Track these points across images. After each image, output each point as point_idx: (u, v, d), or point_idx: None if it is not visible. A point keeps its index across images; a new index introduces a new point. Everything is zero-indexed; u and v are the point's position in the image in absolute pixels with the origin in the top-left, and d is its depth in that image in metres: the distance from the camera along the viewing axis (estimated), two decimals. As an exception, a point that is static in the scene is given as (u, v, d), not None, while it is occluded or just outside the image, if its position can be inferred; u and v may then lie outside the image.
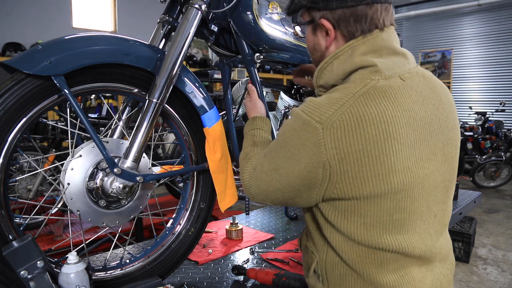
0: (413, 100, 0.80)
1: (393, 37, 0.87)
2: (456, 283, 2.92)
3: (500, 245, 3.65)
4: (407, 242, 0.82)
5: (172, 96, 1.19)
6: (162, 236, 1.33)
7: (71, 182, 1.05)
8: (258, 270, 1.30)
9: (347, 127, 0.75)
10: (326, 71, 0.88)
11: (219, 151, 1.27)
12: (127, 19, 6.94)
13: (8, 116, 0.94)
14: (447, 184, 0.89)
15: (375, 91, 0.77)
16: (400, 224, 0.81)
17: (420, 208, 0.83)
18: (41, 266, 0.92)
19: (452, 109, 0.90)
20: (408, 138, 0.77)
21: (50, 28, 5.88)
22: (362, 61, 0.83)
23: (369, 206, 0.79)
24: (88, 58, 1.01)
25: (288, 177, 0.83)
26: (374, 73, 0.81)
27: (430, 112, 0.83)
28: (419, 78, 0.85)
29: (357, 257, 0.84)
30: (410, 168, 0.78)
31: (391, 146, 0.75)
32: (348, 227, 0.83)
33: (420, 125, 0.80)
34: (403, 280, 0.85)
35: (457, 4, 7.72)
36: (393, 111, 0.76)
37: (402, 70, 0.84)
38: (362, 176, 0.76)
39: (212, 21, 1.32)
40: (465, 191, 2.49)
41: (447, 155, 0.87)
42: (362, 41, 0.85)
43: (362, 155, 0.75)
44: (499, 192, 5.60)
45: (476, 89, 7.90)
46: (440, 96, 0.87)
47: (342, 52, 0.86)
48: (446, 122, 0.86)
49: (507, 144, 5.90)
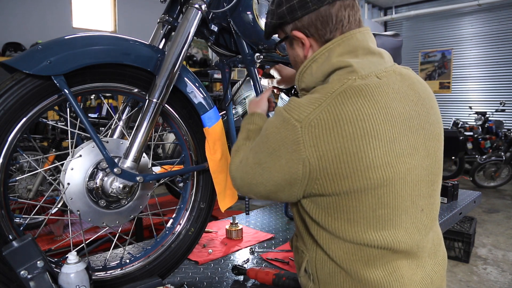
0: (390, 97, 0.82)
1: (368, 38, 0.90)
2: (456, 283, 2.92)
3: (500, 245, 3.65)
4: (393, 238, 0.83)
5: (172, 96, 1.19)
6: (162, 236, 1.33)
7: (71, 182, 1.05)
8: (258, 270, 1.30)
9: (324, 125, 0.77)
10: (306, 74, 0.91)
11: (219, 151, 1.27)
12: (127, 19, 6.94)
13: (8, 116, 0.94)
14: (431, 178, 0.90)
15: (352, 90, 0.79)
16: (384, 219, 0.82)
17: (404, 203, 0.83)
18: (41, 266, 0.92)
19: (432, 104, 0.92)
20: (387, 135, 0.79)
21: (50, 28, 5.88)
22: (338, 62, 0.85)
23: (351, 202, 0.80)
24: (88, 58, 1.01)
25: (270, 172, 0.84)
26: (351, 73, 0.83)
27: (408, 108, 0.84)
28: (396, 76, 0.87)
29: (344, 254, 0.85)
30: (391, 164, 0.79)
31: (369, 143, 0.77)
32: (333, 224, 0.84)
33: (398, 121, 0.81)
34: (391, 277, 0.85)
35: (457, 4, 7.73)
36: (369, 109, 0.78)
37: (378, 69, 0.86)
38: (341, 173, 0.78)
39: (212, 21, 1.32)
40: (465, 191, 2.49)
41: (429, 149, 0.88)
42: (338, 43, 0.88)
43: (340, 153, 0.77)
44: (499, 192, 5.60)
45: (476, 89, 7.90)
46: (419, 92, 0.89)
47: (319, 55, 0.89)
48: (426, 117, 0.88)
49: (507, 144, 5.90)
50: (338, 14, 0.87)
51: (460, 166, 5.94)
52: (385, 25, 9.17)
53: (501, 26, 7.47)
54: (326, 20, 0.87)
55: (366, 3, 8.49)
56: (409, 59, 8.60)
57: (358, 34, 0.88)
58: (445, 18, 8.17)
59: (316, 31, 0.89)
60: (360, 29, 0.90)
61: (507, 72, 7.47)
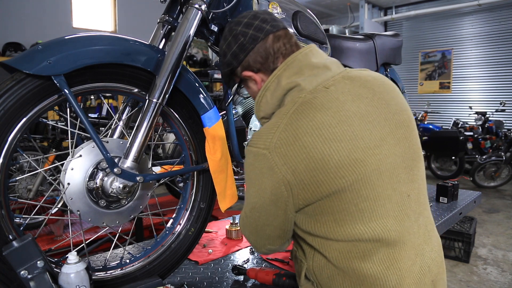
0: (341, 101, 0.87)
1: (310, 56, 0.97)
2: (456, 283, 2.92)
3: (500, 245, 3.65)
4: (381, 227, 0.86)
5: (172, 96, 1.19)
6: (162, 236, 1.33)
7: (71, 182, 1.05)
8: (258, 270, 1.30)
9: (287, 143, 0.84)
10: (262, 103, 0.99)
11: (219, 151, 1.27)
12: (127, 19, 6.95)
13: (8, 116, 0.94)
14: (409, 163, 0.93)
15: (303, 106, 0.87)
16: (369, 211, 0.85)
17: (385, 192, 0.87)
18: (41, 266, 0.92)
19: (392, 95, 0.96)
20: (346, 135, 0.84)
21: (50, 28, 5.88)
22: (288, 84, 0.94)
23: (333, 203, 0.85)
24: (88, 58, 1.01)
25: (264, 208, 0.91)
26: (300, 91, 0.91)
27: (364, 105, 0.89)
28: (345, 81, 0.93)
29: (340, 254, 0.88)
30: (359, 159, 0.84)
31: (330, 147, 0.83)
32: (322, 229, 0.88)
33: (355, 119, 0.86)
34: (389, 270, 0.86)
35: (457, 4, 7.72)
36: (322, 117, 0.85)
37: (324, 80, 0.92)
38: (316, 180, 0.83)
39: (212, 21, 1.32)
40: (465, 191, 2.49)
41: (399, 137, 0.92)
42: (284, 68, 0.96)
43: (308, 162, 0.83)
44: (499, 192, 5.60)
45: (476, 89, 7.90)
46: (373, 89, 0.93)
47: (270, 83, 0.97)
48: (387, 109, 0.92)
49: (507, 144, 5.89)
50: (274, 45, 0.98)
51: (460, 166, 5.94)
52: (385, 25, 9.16)
53: (501, 26, 7.47)
54: (266, 54, 0.98)
55: (366, 3, 8.48)
56: (409, 59, 8.60)
57: (300, 55, 0.97)
58: (445, 18, 8.16)
59: (261, 66, 0.99)
60: (300, 50, 0.98)
61: (507, 72, 7.47)
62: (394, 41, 2.18)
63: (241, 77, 1.04)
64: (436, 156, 6.21)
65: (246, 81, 1.06)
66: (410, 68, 8.69)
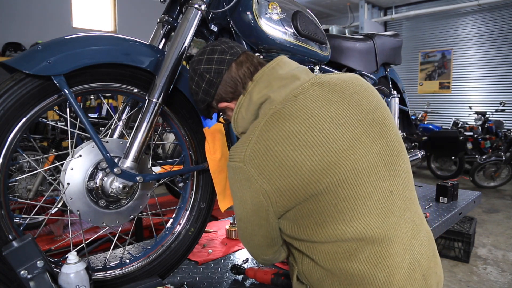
0: (309, 108, 0.89)
1: (277, 68, 1.00)
2: (456, 283, 2.92)
3: (500, 245, 3.65)
4: (364, 225, 0.86)
5: (172, 96, 1.19)
6: (162, 236, 1.33)
7: (71, 182, 1.05)
8: (257, 269, 1.30)
9: (259, 154, 0.86)
10: (238, 119, 1.01)
11: (219, 151, 1.27)
12: (127, 19, 6.94)
13: (8, 116, 0.94)
14: (389, 159, 0.93)
15: (273, 117, 0.89)
16: (349, 211, 0.86)
17: (365, 190, 0.87)
18: (41, 266, 0.92)
19: (363, 95, 0.96)
20: (317, 139, 0.85)
21: (50, 28, 5.88)
22: (259, 98, 0.97)
23: (311, 206, 0.86)
24: (88, 58, 1.01)
25: (248, 219, 0.94)
26: (270, 103, 0.94)
27: (333, 109, 0.90)
28: (314, 88, 0.94)
29: (327, 255, 0.89)
30: (333, 162, 0.85)
31: (302, 153, 0.84)
32: (306, 232, 0.90)
33: (325, 124, 0.87)
34: (376, 268, 0.86)
35: (457, 4, 7.72)
36: (291, 126, 0.86)
37: (293, 89, 0.94)
38: (291, 187, 0.85)
39: (212, 21, 1.32)
40: (465, 191, 2.49)
41: (374, 135, 0.92)
42: (253, 84, 0.99)
43: (282, 170, 0.84)
44: (499, 192, 5.60)
45: (476, 89, 7.90)
46: (343, 91, 0.95)
47: (243, 101, 1.00)
48: (359, 109, 0.93)
49: (507, 144, 5.90)
50: (239, 72, 1.01)
51: (460, 166, 5.94)
52: (385, 25, 9.16)
53: (501, 26, 7.47)
54: (234, 83, 1.01)
55: (366, 3, 8.48)
56: (409, 59, 8.60)
57: (266, 69, 1.00)
58: (445, 18, 8.17)
59: (233, 95, 1.03)
60: (267, 65, 1.01)
61: (507, 72, 7.47)
62: (394, 41, 2.19)
63: (218, 108, 1.08)
64: (436, 156, 6.21)
65: (224, 111, 1.10)
66: (410, 68, 8.69)
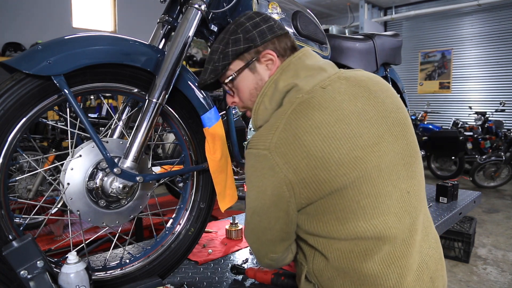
0: (337, 100, 0.88)
1: (304, 58, 0.99)
2: (456, 283, 2.92)
3: (500, 245, 3.65)
4: (383, 224, 0.86)
5: (172, 96, 1.19)
6: (162, 236, 1.33)
7: (71, 182, 1.05)
8: (257, 269, 1.30)
9: (287, 142, 0.84)
10: (260, 110, 0.98)
11: (219, 151, 1.27)
12: (127, 19, 6.94)
13: (8, 116, 0.94)
14: (408, 160, 0.94)
15: (301, 105, 0.87)
16: (371, 208, 0.86)
17: (386, 189, 0.87)
18: (41, 266, 0.92)
19: (387, 94, 0.97)
20: (344, 133, 0.85)
21: (50, 28, 5.88)
22: (285, 86, 0.95)
23: (335, 201, 0.85)
24: (88, 58, 1.01)
25: (265, 211, 0.90)
26: (297, 91, 0.92)
27: (360, 104, 0.90)
28: (341, 81, 0.94)
29: (342, 254, 0.89)
30: (359, 157, 0.85)
31: (330, 145, 0.83)
32: (325, 228, 0.89)
33: (352, 118, 0.87)
34: (389, 269, 0.87)
35: (457, 4, 7.72)
36: (320, 116, 0.85)
37: (321, 80, 0.93)
38: (318, 179, 0.84)
39: (212, 21, 1.32)
40: (465, 191, 2.49)
41: (396, 134, 0.93)
42: (280, 72, 0.98)
43: (309, 161, 0.83)
44: (499, 192, 5.60)
45: (476, 89, 7.89)
46: (369, 87, 0.95)
47: (267, 88, 0.98)
48: (382, 107, 0.93)
49: (507, 144, 5.89)
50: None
51: (460, 166, 5.94)
52: (385, 25, 9.16)
53: (501, 26, 7.46)
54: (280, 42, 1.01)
55: (366, 3, 8.48)
56: (409, 59, 8.60)
57: (294, 59, 0.99)
58: (445, 18, 8.16)
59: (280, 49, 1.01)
60: (294, 54, 1.00)
61: (507, 72, 7.46)
62: (394, 41, 2.18)
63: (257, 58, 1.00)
64: (436, 156, 6.21)
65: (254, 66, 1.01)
66: (410, 68, 8.69)
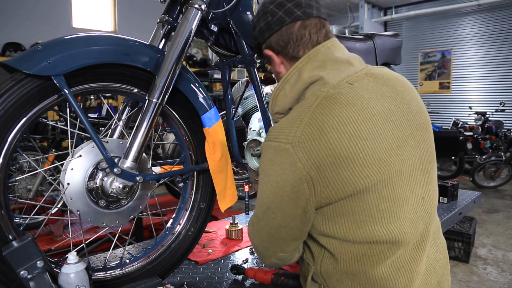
0: (365, 98, 0.85)
1: (333, 50, 0.94)
2: (456, 283, 2.92)
3: (500, 245, 3.65)
4: (399, 229, 0.85)
5: (172, 96, 1.19)
6: (162, 236, 1.33)
7: (71, 182, 1.05)
8: (257, 269, 1.30)
9: (312, 138, 0.80)
10: (279, 96, 0.95)
11: (219, 151, 1.27)
12: (127, 19, 6.94)
13: (8, 116, 0.94)
14: (426, 165, 0.93)
15: (327, 100, 0.83)
16: (388, 212, 0.84)
17: (404, 193, 0.86)
18: (41, 266, 0.92)
19: (412, 95, 0.95)
20: (371, 133, 0.82)
21: (50, 28, 5.88)
22: (310, 77, 0.90)
23: (355, 203, 0.82)
24: (88, 58, 1.01)
25: (281, 208, 0.85)
26: (323, 85, 0.87)
27: (387, 104, 0.87)
28: (368, 78, 0.90)
29: (354, 257, 0.86)
30: (383, 159, 0.82)
31: (356, 144, 0.80)
32: (341, 230, 0.86)
33: (379, 118, 0.84)
34: (399, 272, 0.86)
35: (457, 4, 7.71)
36: (347, 113, 0.81)
37: (348, 75, 0.89)
38: (341, 178, 0.80)
39: (212, 21, 1.32)
40: (465, 191, 2.49)
41: (418, 138, 0.91)
42: (306, 61, 0.93)
43: (334, 159, 0.79)
44: (499, 192, 5.60)
45: (476, 89, 7.89)
46: (396, 87, 0.92)
47: (290, 75, 0.94)
48: (408, 109, 0.91)
49: (507, 144, 5.90)
50: (298, 33, 0.94)
51: (460, 166, 5.93)
52: (385, 25, 9.16)
53: (501, 26, 7.46)
54: (288, 39, 0.95)
55: (366, 3, 8.48)
56: (409, 59, 8.59)
57: (322, 48, 0.93)
58: (445, 18, 8.16)
59: (281, 49, 0.97)
60: (323, 44, 0.95)
61: (507, 72, 7.46)
62: (394, 41, 2.18)
63: (264, 54, 1.02)
64: (436, 156, 6.20)
65: (269, 60, 1.04)
66: (410, 68, 8.69)
